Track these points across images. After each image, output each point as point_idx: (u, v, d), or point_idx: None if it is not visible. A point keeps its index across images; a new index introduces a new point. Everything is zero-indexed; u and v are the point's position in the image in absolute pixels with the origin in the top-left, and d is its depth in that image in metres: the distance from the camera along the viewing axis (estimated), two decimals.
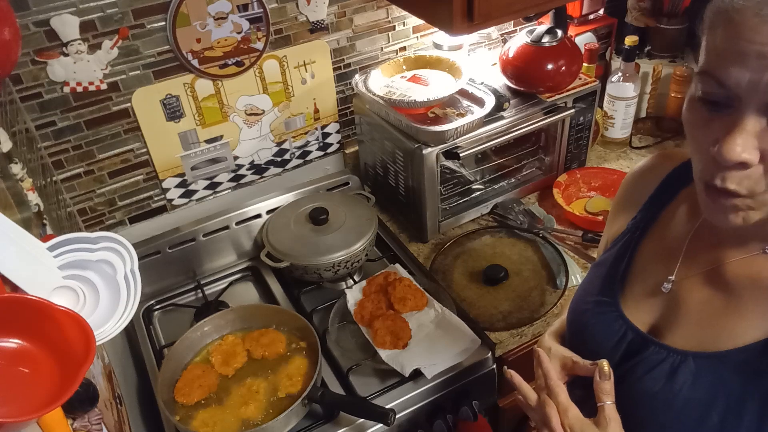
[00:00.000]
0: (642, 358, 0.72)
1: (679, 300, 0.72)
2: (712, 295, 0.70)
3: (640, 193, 0.83)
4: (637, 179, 0.86)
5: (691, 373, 0.67)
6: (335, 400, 1.09)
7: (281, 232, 1.38)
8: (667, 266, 0.75)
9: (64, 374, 0.55)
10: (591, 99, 1.50)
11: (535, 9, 1.21)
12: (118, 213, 1.41)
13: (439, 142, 1.30)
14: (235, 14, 1.29)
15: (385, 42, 1.52)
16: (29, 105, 1.19)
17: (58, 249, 0.61)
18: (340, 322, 1.27)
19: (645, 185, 0.83)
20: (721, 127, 0.55)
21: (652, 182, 0.82)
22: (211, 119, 1.39)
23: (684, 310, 0.72)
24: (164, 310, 1.40)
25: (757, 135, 0.53)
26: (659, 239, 0.79)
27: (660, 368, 0.70)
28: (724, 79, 0.54)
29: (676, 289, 0.73)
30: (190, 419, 1.07)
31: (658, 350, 0.71)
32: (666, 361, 0.69)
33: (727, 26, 0.53)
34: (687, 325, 0.71)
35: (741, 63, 0.52)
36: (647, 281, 0.77)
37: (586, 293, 0.84)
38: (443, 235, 1.48)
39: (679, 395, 0.67)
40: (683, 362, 0.68)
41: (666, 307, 0.74)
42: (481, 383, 1.19)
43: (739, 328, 0.66)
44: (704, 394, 0.66)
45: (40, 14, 1.12)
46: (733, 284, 0.68)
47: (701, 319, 0.70)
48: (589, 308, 0.81)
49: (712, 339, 0.68)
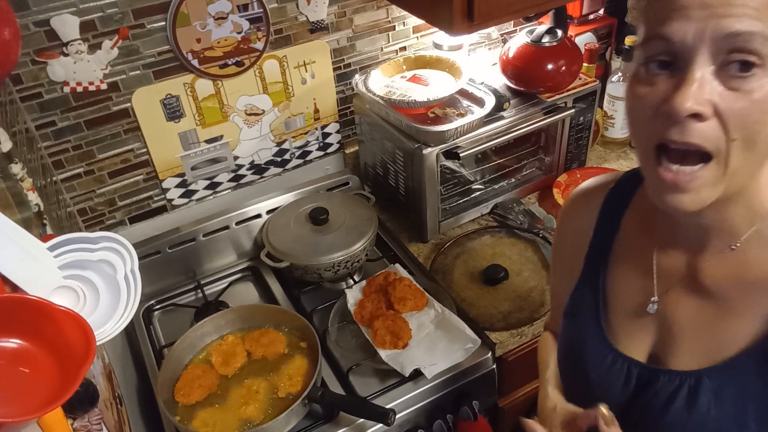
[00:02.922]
0: (656, 390, 0.69)
1: (669, 318, 0.70)
2: (700, 305, 0.68)
3: (581, 226, 0.80)
4: (573, 213, 0.84)
5: (711, 391, 0.65)
6: (335, 400, 1.09)
7: (281, 232, 1.38)
8: (644, 288, 0.73)
9: (64, 374, 0.55)
10: (591, 99, 1.50)
11: (535, 9, 1.21)
12: (118, 213, 1.41)
13: (439, 142, 1.30)
14: (235, 14, 1.29)
15: (385, 42, 1.52)
16: (29, 105, 1.19)
17: (58, 249, 0.61)
18: (340, 322, 1.27)
19: (583, 217, 0.80)
20: (669, 86, 0.54)
21: (590, 213, 0.79)
22: (211, 119, 1.39)
23: (678, 328, 0.70)
24: (164, 310, 1.40)
25: (707, 87, 0.52)
26: (625, 264, 0.76)
27: (679, 396, 0.67)
28: (671, 35, 0.53)
29: (662, 308, 0.71)
30: (190, 419, 1.07)
31: (669, 378, 0.68)
32: (683, 386, 0.66)
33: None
34: (686, 342, 0.69)
35: (685, 17, 0.52)
36: (629, 308, 0.74)
37: (572, 342, 0.80)
38: (443, 235, 1.48)
39: (709, 416, 0.65)
40: (699, 383, 0.65)
41: (658, 329, 0.71)
42: (481, 383, 1.19)
43: (738, 330, 0.64)
44: (733, 408, 0.64)
45: (40, 14, 1.12)
46: (716, 288, 0.66)
47: (698, 332, 0.68)
48: (581, 355, 0.77)
49: (717, 349, 0.66)
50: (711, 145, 0.54)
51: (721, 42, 0.51)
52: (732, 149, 0.54)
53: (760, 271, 0.64)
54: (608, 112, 1.66)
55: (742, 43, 0.51)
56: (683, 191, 0.56)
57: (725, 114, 0.53)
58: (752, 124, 0.53)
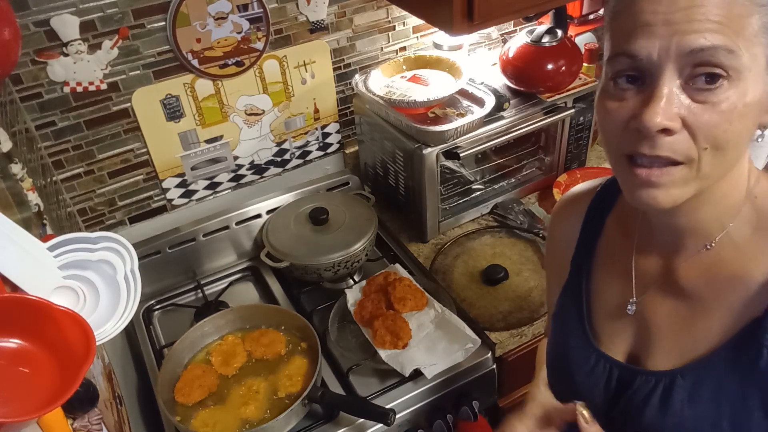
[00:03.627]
0: (633, 390, 0.70)
1: (647, 319, 0.72)
2: (675, 305, 0.69)
3: (568, 230, 0.82)
4: (562, 218, 0.86)
5: (685, 390, 0.66)
6: (335, 400, 1.09)
7: (281, 232, 1.38)
8: (624, 289, 0.74)
9: (64, 374, 0.55)
10: (591, 99, 1.50)
11: (535, 9, 1.21)
12: (118, 213, 1.41)
13: (439, 142, 1.30)
14: (235, 14, 1.29)
15: (385, 42, 1.52)
16: (29, 105, 1.19)
17: (58, 249, 0.61)
18: (340, 322, 1.27)
19: (570, 222, 0.82)
20: (638, 102, 0.56)
21: (576, 218, 0.81)
22: (211, 119, 1.39)
23: (655, 328, 0.71)
24: (164, 310, 1.40)
25: (674, 101, 0.54)
26: (606, 267, 0.78)
27: (654, 396, 0.68)
28: (636, 51, 0.54)
29: (640, 309, 0.72)
30: (190, 419, 1.07)
31: (646, 378, 0.69)
32: (658, 386, 0.68)
33: (630, 7, 0.55)
34: (663, 342, 0.70)
35: (649, 33, 0.53)
36: (610, 309, 0.76)
37: (559, 344, 0.82)
38: (443, 235, 1.48)
39: (684, 415, 0.66)
40: (673, 382, 0.67)
41: (637, 330, 0.73)
42: (481, 383, 1.19)
43: (711, 329, 0.66)
44: (707, 407, 0.65)
45: (40, 14, 1.12)
46: (690, 288, 0.68)
47: (673, 332, 0.69)
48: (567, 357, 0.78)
49: (691, 348, 0.67)
50: (681, 156, 0.56)
51: (686, 57, 0.52)
52: (703, 156, 0.56)
53: (731, 269, 0.65)
54: None
55: (707, 57, 0.52)
56: (656, 186, 0.57)
57: (693, 126, 0.54)
58: (721, 133, 0.54)
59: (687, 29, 0.52)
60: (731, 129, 0.54)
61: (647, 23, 0.53)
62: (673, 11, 0.52)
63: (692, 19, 0.51)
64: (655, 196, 0.58)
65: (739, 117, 0.54)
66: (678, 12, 0.52)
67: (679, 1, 0.52)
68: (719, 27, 0.51)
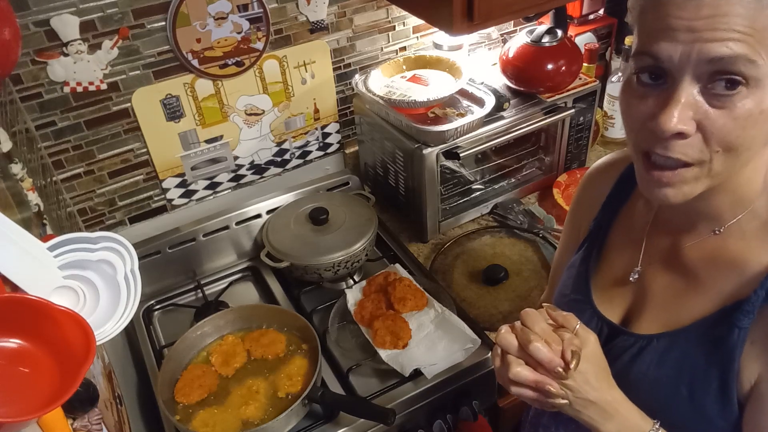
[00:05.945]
0: (611, 346, 0.76)
1: (645, 287, 0.76)
2: (673, 279, 0.74)
3: (597, 193, 0.87)
4: (594, 181, 0.90)
5: (656, 353, 0.71)
6: (335, 400, 1.09)
7: (281, 232, 1.38)
8: (632, 257, 0.79)
9: (64, 374, 0.55)
10: (591, 99, 1.50)
11: (535, 9, 1.21)
12: (118, 213, 1.41)
13: (439, 142, 1.30)
14: (235, 14, 1.29)
15: (385, 42, 1.52)
16: (29, 105, 1.19)
17: (58, 249, 0.61)
18: (340, 322, 1.27)
19: (601, 186, 0.86)
20: (657, 102, 0.58)
21: (607, 182, 0.85)
22: (211, 119, 1.39)
23: (650, 297, 0.76)
24: (164, 310, 1.40)
25: (691, 106, 0.56)
26: (622, 233, 0.83)
27: (628, 353, 0.74)
28: (658, 53, 0.56)
29: (641, 278, 0.77)
30: (190, 419, 1.07)
31: (627, 338, 0.75)
32: (633, 346, 0.73)
33: (657, 8, 0.56)
34: (652, 310, 0.75)
35: (672, 38, 0.55)
36: (616, 274, 0.81)
37: (561, 295, 0.87)
38: (443, 235, 1.48)
39: (647, 375, 0.71)
40: (648, 344, 0.72)
41: (635, 295, 0.78)
42: (481, 383, 1.19)
43: (697, 304, 0.70)
44: (670, 371, 0.69)
45: (40, 14, 1.12)
46: (691, 266, 0.72)
47: (664, 302, 0.73)
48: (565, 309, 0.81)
49: (675, 319, 0.71)
50: (692, 159, 0.58)
51: (706, 64, 0.54)
52: (715, 158, 0.58)
53: (732, 255, 0.68)
54: (608, 112, 1.66)
55: (727, 65, 0.53)
56: (668, 185, 0.61)
57: (707, 130, 0.56)
58: (734, 139, 0.56)
59: (709, 37, 0.53)
60: (744, 134, 0.56)
61: (671, 27, 0.55)
62: (696, 18, 0.53)
63: (715, 27, 0.52)
64: (666, 193, 0.61)
65: (753, 123, 0.55)
66: (701, 20, 0.53)
67: (703, 9, 0.53)
68: (742, 36, 0.52)
